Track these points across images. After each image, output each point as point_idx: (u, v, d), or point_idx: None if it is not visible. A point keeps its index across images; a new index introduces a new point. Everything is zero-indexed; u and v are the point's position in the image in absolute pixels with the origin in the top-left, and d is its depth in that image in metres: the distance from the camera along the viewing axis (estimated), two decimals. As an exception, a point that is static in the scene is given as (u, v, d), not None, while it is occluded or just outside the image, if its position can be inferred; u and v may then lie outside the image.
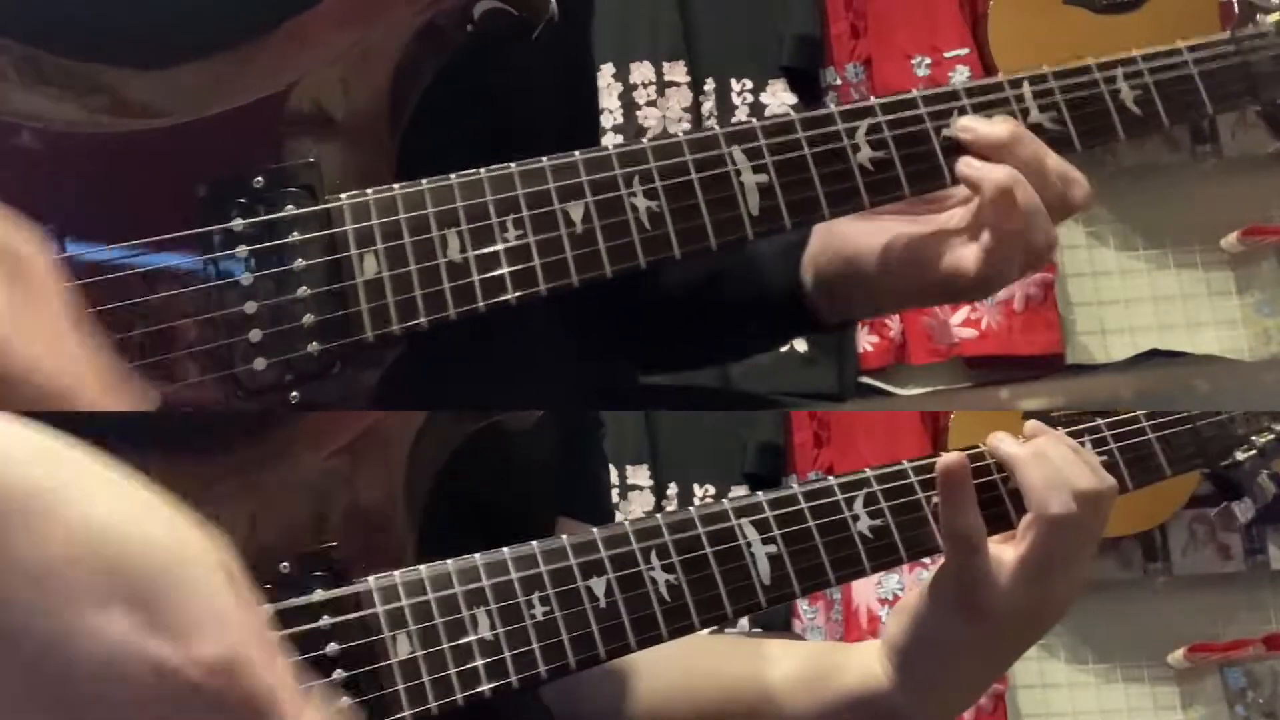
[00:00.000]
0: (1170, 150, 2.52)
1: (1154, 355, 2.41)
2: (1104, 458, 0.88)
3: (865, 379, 2.42)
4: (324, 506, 0.70)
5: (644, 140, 0.77)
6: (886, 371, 2.42)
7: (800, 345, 2.36)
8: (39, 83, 0.69)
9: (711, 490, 2.34)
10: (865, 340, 2.40)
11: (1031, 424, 0.87)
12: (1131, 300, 2.52)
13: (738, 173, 0.78)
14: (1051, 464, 0.82)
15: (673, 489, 2.34)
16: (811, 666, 0.91)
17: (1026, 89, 0.85)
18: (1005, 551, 0.81)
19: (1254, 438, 0.99)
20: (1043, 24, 2.28)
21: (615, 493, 2.30)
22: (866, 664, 0.87)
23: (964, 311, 2.38)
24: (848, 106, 0.82)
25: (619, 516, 2.28)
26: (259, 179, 0.70)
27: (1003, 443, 0.85)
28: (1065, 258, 2.51)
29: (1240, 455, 0.98)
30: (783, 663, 0.92)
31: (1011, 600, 0.81)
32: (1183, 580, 2.38)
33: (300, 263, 0.69)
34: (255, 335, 0.68)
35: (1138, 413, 0.92)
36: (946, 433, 2.31)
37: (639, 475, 2.32)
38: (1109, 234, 2.55)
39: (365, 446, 0.71)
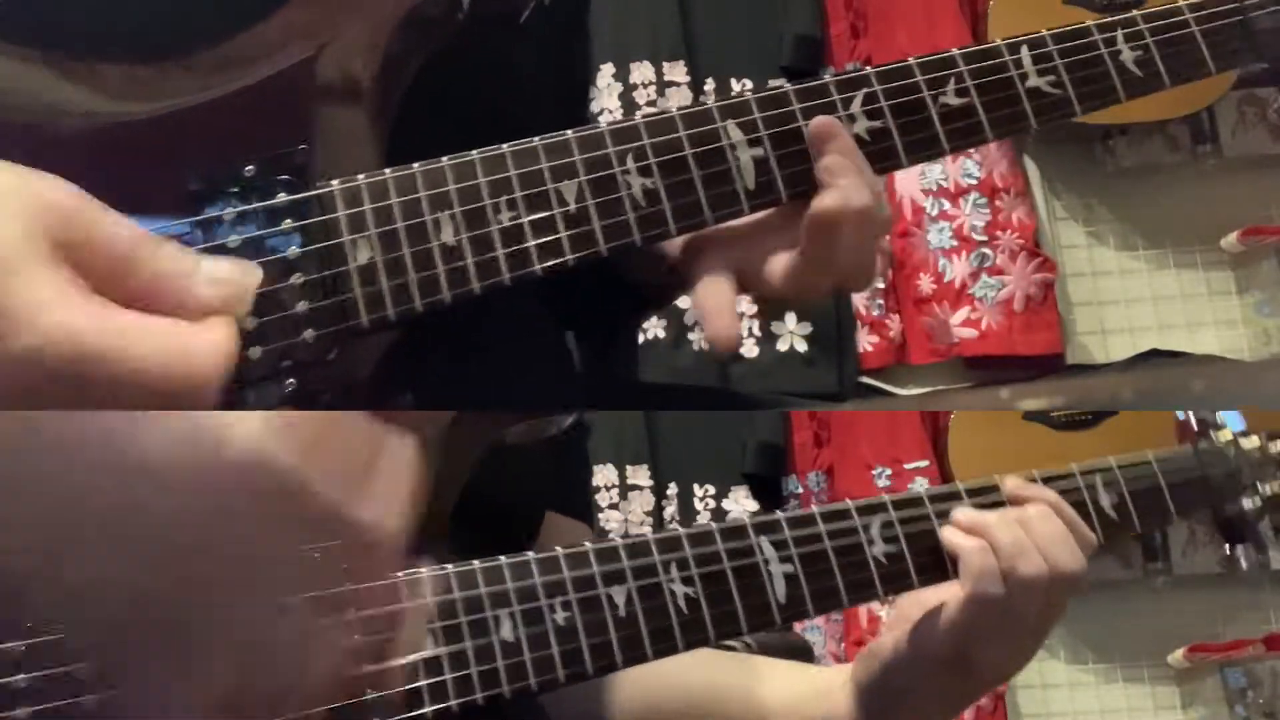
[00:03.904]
0: (1170, 150, 2.52)
1: (1154, 355, 2.43)
2: (1113, 498, 0.89)
3: (865, 379, 2.41)
4: None
5: (637, 117, 0.76)
6: (886, 371, 2.42)
7: (800, 345, 2.37)
8: (29, 78, 0.69)
9: (711, 490, 2.34)
10: (865, 340, 2.40)
11: (1012, 486, 0.87)
12: (1131, 300, 2.52)
13: (733, 147, 0.77)
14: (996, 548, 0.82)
15: (673, 489, 2.34)
16: (804, 689, 0.93)
17: (1025, 53, 0.83)
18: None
19: (1261, 485, 1.00)
20: (1042, 24, 2.28)
21: (615, 492, 2.30)
22: (835, 698, 0.90)
23: (964, 311, 2.38)
24: (843, 76, 0.81)
25: (619, 516, 2.29)
26: (250, 167, 0.70)
27: (953, 534, 0.84)
28: (1065, 258, 2.51)
29: (1248, 502, 0.99)
30: (774, 681, 0.93)
31: (992, 656, 0.83)
32: (1183, 580, 2.38)
33: (293, 250, 0.69)
34: (249, 324, 0.68)
35: (1148, 454, 0.93)
36: (946, 433, 2.31)
37: (639, 475, 2.32)
38: (1109, 234, 2.55)
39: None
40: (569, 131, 0.75)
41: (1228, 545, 1.00)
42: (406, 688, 0.67)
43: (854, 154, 0.78)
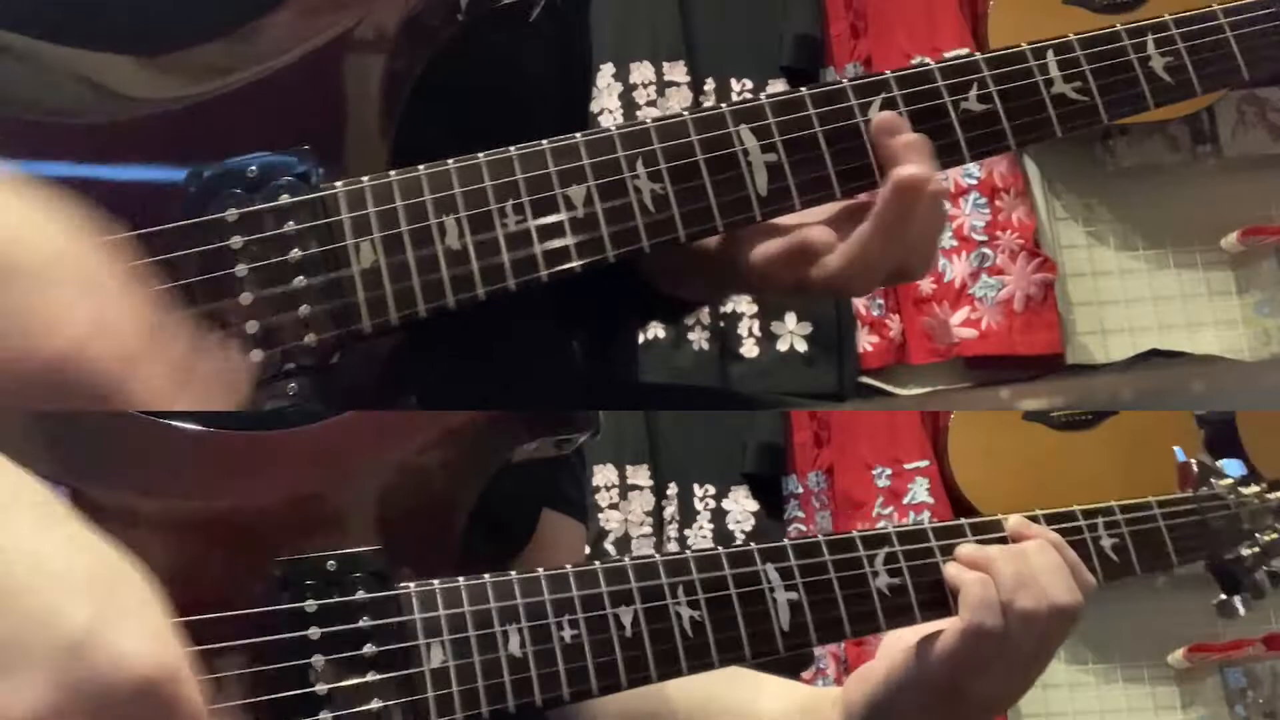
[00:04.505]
0: (1170, 150, 2.52)
1: (1154, 355, 2.42)
2: (1114, 540, 0.90)
3: (865, 379, 2.41)
4: (372, 507, 0.71)
5: (648, 120, 0.75)
6: (886, 371, 2.42)
7: (800, 345, 2.36)
8: (30, 74, 0.69)
9: (711, 490, 2.34)
10: (865, 340, 2.40)
11: (1014, 523, 0.88)
12: (1131, 300, 2.52)
13: (745, 152, 0.76)
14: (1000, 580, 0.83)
15: (673, 489, 2.34)
16: (796, 705, 0.93)
17: (1051, 58, 0.81)
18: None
19: (1259, 534, 1.01)
20: (1043, 24, 2.28)
21: (615, 492, 2.30)
22: (825, 716, 0.90)
23: (964, 311, 2.38)
24: (861, 80, 0.78)
25: (619, 516, 2.29)
26: (253, 168, 0.69)
27: (957, 570, 0.84)
28: (1065, 258, 2.51)
29: (1245, 551, 1.00)
30: (768, 695, 0.94)
31: (987, 688, 0.83)
32: (1183, 579, 2.37)
33: (296, 253, 0.69)
34: (251, 327, 0.68)
35: (1150, 499, 0.94)
36: (946, 433, 2.31)
37: (639, 475, 2.32)
38: (1109, 234, 2.55)
39: (417, 450, 0.73)
40: (578, 135, 0.74)
41: (1224, 593, 1.01)
42: (416, 697, 0.68)
43: (925, 145, 0.77)
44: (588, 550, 1.17)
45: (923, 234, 0.78)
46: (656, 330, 2.31)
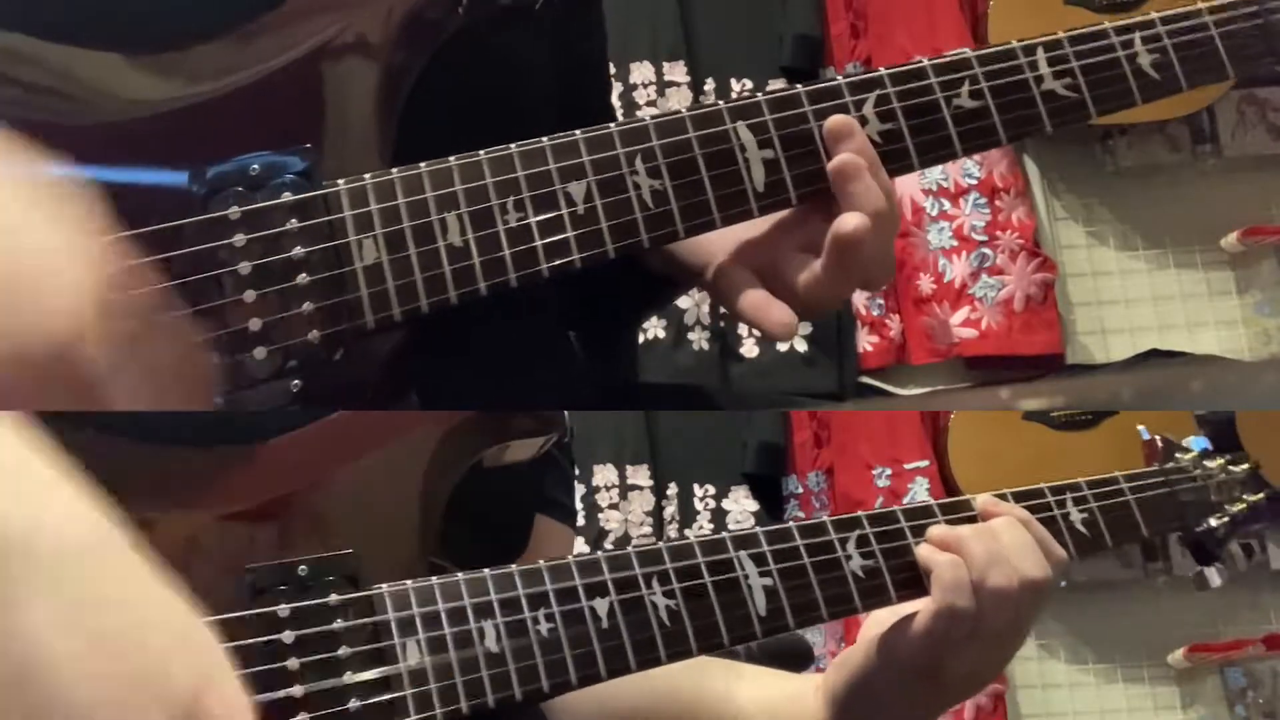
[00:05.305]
0: (1170, 150, 2.52)
1: (1154, 355, 2.43)
2: (1084, 515, 0.91)
3: (865, 379, 2.42)
4: (343, 511, 0.71)
5: (646, 117, 0.76)
6: (886, 371, 2.42)
7: (800, 345, 2.37)
8: (31, 74, 0.69)
9: (711, 490, 2.34)
10: (865, 340, 2.40)
11: (983, 502, 0.88)
12: (1131, 300, 2.52)
13: (742, 148, 0.77)
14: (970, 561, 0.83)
15: (673, 489, 2.34)
16: (778, 692, 0.94)
17: (1040, 55, 0.82)
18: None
19: (1228, 506, 1.02)
20: (1042, 24, 2.28)
21: (615, 492, 2.30)
22: (808, 702, 0.91)
23: (964, 311, 2.39)
24: (855, 78, 0.80)
25: (619, 516, 2.29)
26: (255, 166, 0.69)
27: (928, 552, 0.85)
28: (1065, 258, 2.51)
29: (1214, 522, 1.00)
30: (751, 684, 0.95)
31: (964, 666, 0.84)
32: (1183, 580, 2.38)
33: (299, 250, 0.69)
34: (255, 324, 0.68)
35: (1117, 474, 0.95)
36: (946, 433, 2.31)
37: (639, 475, 2.32)
38: (1109, 234, 2.55)
39: (386, 454, 0.73)
40: (577, 132, 0.74)
41: (1198, 565, 1.02)
42: (394, 696, 0.68)
43: (869, 154, 0.77)
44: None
45: (875, 258, 0.79)
46: (656, 330, 2.32)
